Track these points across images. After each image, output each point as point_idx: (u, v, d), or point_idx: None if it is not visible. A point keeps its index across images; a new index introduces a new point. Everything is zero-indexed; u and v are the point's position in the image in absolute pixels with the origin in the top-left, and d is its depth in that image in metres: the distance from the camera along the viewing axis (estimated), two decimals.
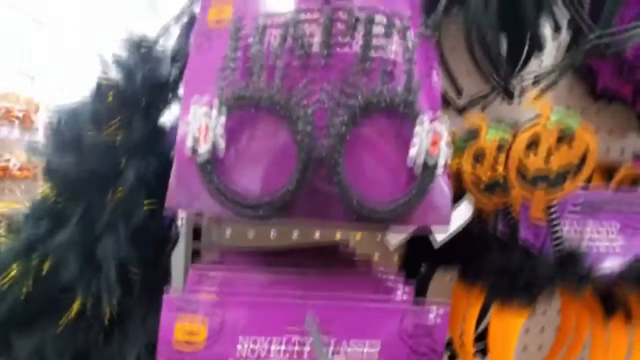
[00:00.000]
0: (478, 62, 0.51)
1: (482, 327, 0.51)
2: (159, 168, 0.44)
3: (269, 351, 0.30)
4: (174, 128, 0.46)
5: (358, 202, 0.28)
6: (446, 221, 0.31)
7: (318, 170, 0.28)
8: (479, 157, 0.39)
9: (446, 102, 0.66)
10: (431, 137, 0.28)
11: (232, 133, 0.29)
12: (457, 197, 0.43)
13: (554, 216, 0.38)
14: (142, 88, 0.45)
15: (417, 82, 0.28)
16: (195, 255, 0.59)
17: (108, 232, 0.41)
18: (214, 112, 0.28)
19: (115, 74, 0.48)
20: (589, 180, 0.54)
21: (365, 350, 0.30)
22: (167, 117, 0.50)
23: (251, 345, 0.30)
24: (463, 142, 0.41)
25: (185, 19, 0.50)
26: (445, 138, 0.29)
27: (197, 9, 0.52)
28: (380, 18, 0.27)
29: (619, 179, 0.48)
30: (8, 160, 2.54)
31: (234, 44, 0.29)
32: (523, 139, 0.34)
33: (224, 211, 0.30)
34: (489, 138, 0.39)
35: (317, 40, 0.28)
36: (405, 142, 0.29)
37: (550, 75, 0.44)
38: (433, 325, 0.30)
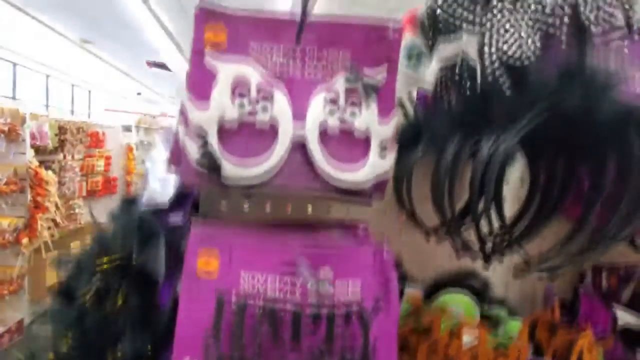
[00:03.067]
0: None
1: None
2: (154, 339, 0.49)
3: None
4: (166, 300, 0.51)
5: None
6: None
7: None
8: (433, 349, 0.45)
9: (420, 223, 0.72)
10: None
11: None
12: None
13: None
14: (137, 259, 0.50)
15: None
16: None
17: None
18: None
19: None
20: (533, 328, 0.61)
21: None
22: None
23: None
24: (418, 333, 0.47)
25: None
26: None
27: None
28: (340, 312, 0.33)
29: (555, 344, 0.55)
30: None
31: (219, 317, 0.34)
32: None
33: None
34: (443, 328, 0.46)
35: (288, 322, 0.34)
36: None
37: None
38: None
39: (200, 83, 0.40)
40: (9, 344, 2.55)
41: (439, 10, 0.41)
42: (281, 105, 0.40)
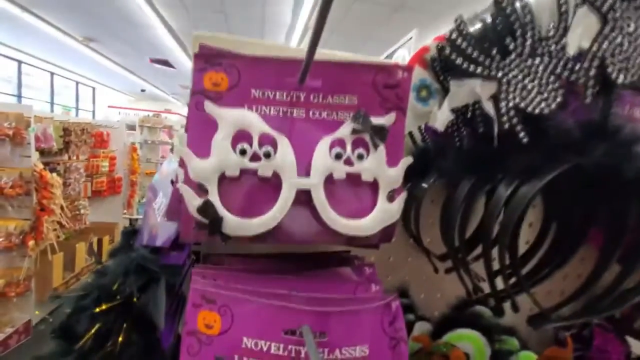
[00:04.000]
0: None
1: None
2: None
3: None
4: (168, 342, 0.50)
5: None
6: None
7: None
8: None
9: (427, 251, 0.70)
10: None
11: None
12: None
13: None
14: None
15: None
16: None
17: None
18: None
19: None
20: None
21: None
22: None
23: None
24: None
25: None
26: None
27: None
28: None
29: None
30: None
31: None
32: None
33: None
34: None
35: None
36: None
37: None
38: None
39: (200, 131, 0.38)
40: (17, 345, 2.59)
41: (451, 54, 0.39)
42: (284, 153, 0.38)
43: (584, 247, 0.44)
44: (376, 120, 0.41)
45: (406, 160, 0.43)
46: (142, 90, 10.71)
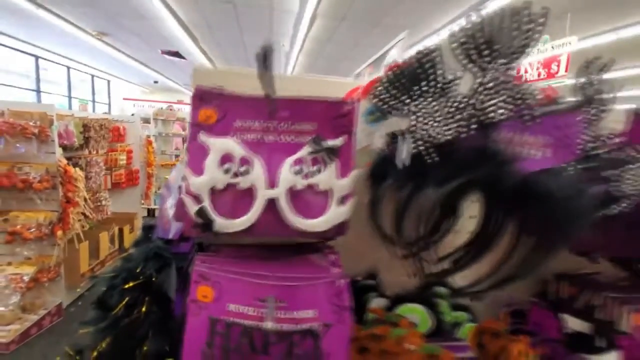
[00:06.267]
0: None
1: None
2: (171, 340, 0.64)
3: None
4: (179, 311, 0.65)
5: None
6: None
7: None
8: (383, 352, 0.57)
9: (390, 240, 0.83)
10: None
11: None
12: None
13: None
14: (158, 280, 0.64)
15: None
16: None
17: None
18: None
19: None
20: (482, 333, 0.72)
21: None
22: None
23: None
24: (374, 339, 0.59)
25: None
26: None
27: None
28: (299, 329, 0.45)
29: None
30: (28, 173, 2.74)
31: (212, 333, 0.47)
32: None
33: None
34: (392, 336, 0.57)
35: (260, 338, 0.46)
36: None
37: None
38: None
39: (196, 155, 0.52)
40: (49, 325, 2.86)
41: (376, 97, 0.51)
42: (258, 171, 0.51)
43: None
44: (330, 142, 0.53)
45: (356, 173, 0.55)
46: (155, 82, 10.93)
